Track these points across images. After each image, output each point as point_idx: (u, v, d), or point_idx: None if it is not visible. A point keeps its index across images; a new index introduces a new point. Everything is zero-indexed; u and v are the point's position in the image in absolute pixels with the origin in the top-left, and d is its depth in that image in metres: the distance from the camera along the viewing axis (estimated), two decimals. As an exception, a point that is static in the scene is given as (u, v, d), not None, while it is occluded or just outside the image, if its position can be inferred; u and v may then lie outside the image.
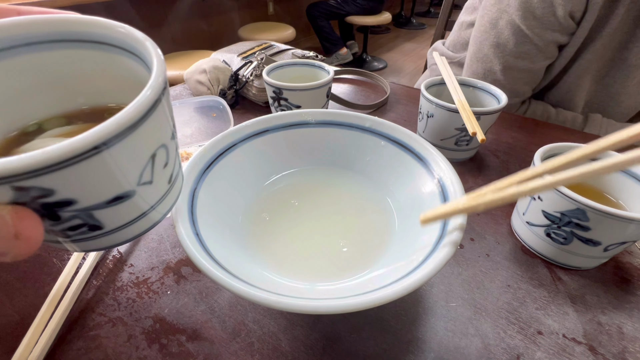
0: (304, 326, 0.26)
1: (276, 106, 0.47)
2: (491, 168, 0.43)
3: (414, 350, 0.24)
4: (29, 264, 0.30)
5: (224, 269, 0.20)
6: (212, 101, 0.46)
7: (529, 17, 0.50)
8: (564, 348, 0.24)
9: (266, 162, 0.33)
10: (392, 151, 0.31)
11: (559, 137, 0.49)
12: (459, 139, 0.41)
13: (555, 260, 0.30)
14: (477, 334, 0.25)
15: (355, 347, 0.24)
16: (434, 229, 0.23)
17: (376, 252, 0.27)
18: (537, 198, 0.29)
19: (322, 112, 0.33)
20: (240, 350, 0.24)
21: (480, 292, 0.28)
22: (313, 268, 0.26)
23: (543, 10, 0.49)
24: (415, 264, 0.20)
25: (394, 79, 2.67)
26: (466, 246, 0.32)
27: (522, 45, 0.53)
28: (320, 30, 2.62)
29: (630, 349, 0.24)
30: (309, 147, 0.34)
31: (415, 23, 3.99)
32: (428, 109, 0.41)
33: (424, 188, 0.27)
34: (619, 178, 0.30)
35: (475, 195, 0.19)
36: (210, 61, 0.57)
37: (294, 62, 0.51)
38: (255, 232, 0.28)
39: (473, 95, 0.45)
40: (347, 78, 0.68)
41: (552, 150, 0.31)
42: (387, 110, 0.56)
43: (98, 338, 0.25)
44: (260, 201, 0.31)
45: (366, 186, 0.33)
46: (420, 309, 0.27)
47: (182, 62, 1.66)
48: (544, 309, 0.27)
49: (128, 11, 1.96)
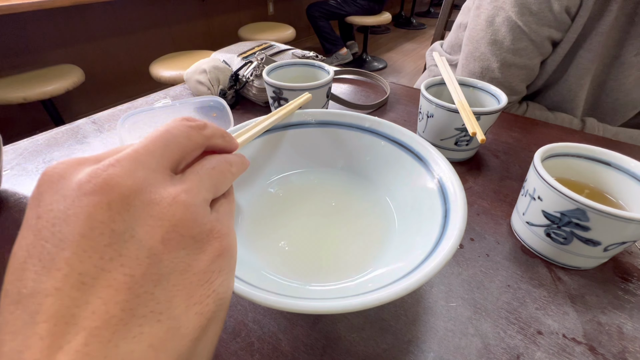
0: (304, 326, 0.26)
1: (276, 106, 0.47)
2: (491, 168, 0.43)
3: (414, 350, 0.24)
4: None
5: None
6: (212, 101, 0.46)
7: (526, 12, 0.51)
8: (564, 348, 0.24)
9: (266, 162, 0.33)
10: (391, 151, 0.31)
11: (559, 137, 0.49)
12: (459, 139, 0.41)
13: (555, 260, 0.30)
14: (477, 333, 0.25)
15: (355, 347, 0.24)
16: (434, 229, 0.23)
17: (376, 252, 0.27)
18: (537, 198, 0.29)
19: (322, 112, 0.33)
20: (240, 350, 0.24)
21: (480, 292, 0.28)
22: (313, 268, 0.26)
23: (539, 6, 0.50)
24: (415, 264, 0.20)
25: (394, 79, 2.67)
26: (466, 246, 0.32)
27: (519, 42, 0.53)
28: (320, 30, 2.62)
29: (630, 349, 0.24)
30: (309, 147, 0.34)
31: (415, 23, 3.99)
32: (428, 109, 0.41)
33: (424, 188, 0.27)
34: (619, 178, 0.30)
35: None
36: (210, 61, 0.57)
37: (294, 62, 0.51)
38: (255, 232, 0.28)
39: (473, 95, 0.45)
40: (347, 78, 0.68)
41: (552, 150, 0.31)
42: (387, 110, 0.56)
43: (98, 338, 0.25)
44: (260, 201, 0.31)
45: (366, 186, 0.33)
46: (420, 309, 0.27)
47: (182, 62, 1.66)
48: (544, 309, 0.27)
49: (128, 11, 1.96)
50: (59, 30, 1.74)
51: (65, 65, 1.59)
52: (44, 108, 1.53)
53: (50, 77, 1.45)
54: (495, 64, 0.56)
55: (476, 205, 0.37)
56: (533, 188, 0.29)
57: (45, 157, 0.45)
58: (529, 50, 0.54)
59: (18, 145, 0.47)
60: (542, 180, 0.28)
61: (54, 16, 1.69)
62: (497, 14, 0.54)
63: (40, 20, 1.66)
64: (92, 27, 1.86)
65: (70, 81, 1.45)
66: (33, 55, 1.70)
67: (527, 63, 0.55)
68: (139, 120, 0.42)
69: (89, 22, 1.83)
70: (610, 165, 0.31)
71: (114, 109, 0.56)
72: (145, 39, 2.11)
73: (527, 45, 0.53)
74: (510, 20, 0.52)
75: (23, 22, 1.62)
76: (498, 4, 0.53)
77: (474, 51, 0.58)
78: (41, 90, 1.36)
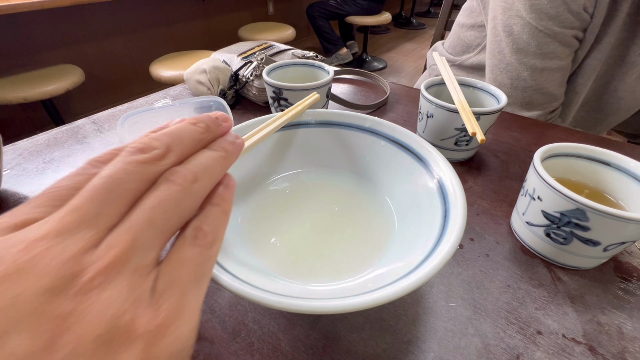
0: (304, 326, 0.26)
1: (276, 106, 0.47)
2: (491, 168, 0.43)
3: (414, 350, 0.24)
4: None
5: (224, 269, 0.20)
6: (212, 101, 0.46)
7: (544, 17, 0.50)
8: (564, 348, 0.24)
9: (266, 162, 0.33)
10: (391, 151, 0.31)
11: (559, 137, 0.49)
12: (459, 139, 0.41)
13: (555, 260, 0.30)
14: (476, 333, 0.25)
15: (355, 347, 0.24)
16: (434, 229, 0.23)
17: (376, 252, 0.27)
18: (536, 198, 0.29)
19: (322, 112, 0.33)
20: (240, 350, 0.24)
21: (480, 292, 0.28)
22: (313, 268, 0.26)
23: (556, 9, 0.48)
24: (415, 264, 0.20)
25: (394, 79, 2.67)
26: (466, 246, 0.32)
27: (545, 46, 0.52)
28: (320, 31, 2.62)
29: (630, 349, 0.24)
30: (309, 147, 0.34)
31: (415, 23, 3.99)
32: (428, 109, 0.41)
33: (424, 188, 0.27)
34: (619, 178, 0.30)
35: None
36: (210, 61, 0.57)
37: (294, 62, 0.51)
38: (255, 232, 0.28)
39: (473, 95, 0.45)
40: (347, 78, 0.68)
41: (552, 150, 0.31)
42: (387, 111, 0.56)
43: (98, 338, 0.25)
44: (260, 201, 0.31)
45: (366, 186, 0.33)
46: (420, 309, 0.27)
47: (182, 62, 1.66)
48: (544, 309, 0.27)
49: (128, 11, 1.96)
50: (59, 30, 1.74)
51: (65, 65, 1.59)
52: (44, 108, 1.53)
53: (50, 77, 1.45)
54: (525, 72, 0.54)
55: (476, 205, 0.37)
56: (533, 188, 0.29)
57: (45, 157, 0.45)
58: (558, 51, 0.52)
59: (18, 145, 0.47)
60: (541, 180, 0.28)
61: (54, 16, 1.69)
62: (514, 23, 0.52)
63: (40, 20, 1.66)
64: (92, 27, 1.86)
65: (70, 81, 1.46)
66: (33, 55, 1.70)
67: (560, 64, 0.53)
68: (139, 120, 0.42)
69: (89, 22, 1.83)
70: (610, 165, 0.31)
71: (114, 109, 0.56)
72: (145, 39, 2.11)
73: (555, 48, 0.52)
74: (530, 26, 0.51)
75: (23, 22, 1.62)
76: (512, 13, 0.52)
77: (499, 63, 0.57)
78: (41, 90, 1.37)
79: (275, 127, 0.29)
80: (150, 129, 0.15)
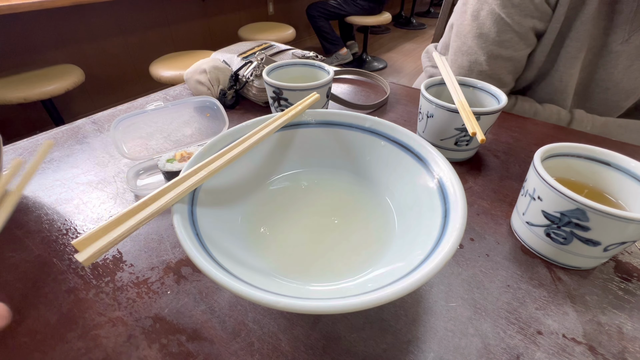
0: (304, 326, 0.26)
1: (276, 106, 0.47)
2: (491, 168, 0.43)
3: (413, 350, 0.24)
4: (29, 264, 0.30)
5: (224, 269, 0.20)
6: (207, 102, 0.46)
7: (508, 5, 0.52)
8: (564, 348, 0.24)
9: (266, 162, 0.33)
10: (391, 151, 0.31)
11: (559, 138, 0.49)
12: (459, 139, 0.41)
13: (555, 260, 0.30)
14: (476, 333, 0.25)
15: (355, 347, 0.24)
16: (434, 229, 0.23)
17: (376, 252, 0.27)
18: (537, 198, 0.29)
19: (322, 112, 0.33)
20: (240, 350, 0.24)
21: (480, 292, 0.28)
22: (313, 268, 0.26)
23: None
24: (415, 264, 0.20)
25: (394, 79, 2.67)
26: (466, 246, 0.32)
27: (503, 34, 0.55)
28: (320, 31, 2.62)
29: (630, 349, 0.24)
30: (309, 147, 0.34)
31: (415, 23, 3.99)
32: (428, 109, 0.41)
33: (424, 188, 0.27)
34: (619, 178, 0.30)
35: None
36: (210, 61, 0.57)
37: (294, 62, 0.51)
38: (255, 232, 0.28)
39: (473, 95, 0.45)
40: (347, 78, 0.68)
41: (552, 150, 0.31)
42: (387, 111, 0.56)
43: (98, 338, 0.25)
44: (260, 201, 0.31)
45: (366, 186, 0.33)
46: (420, 309, 0.27)
47: (182, 62, 1.66)
48: (544, 309, 0.27)
49: (128, 11, 1.96)
50: (59, 30, 1.74)
51: (65, 65, 1.59)
52: (44, 108, 1.53)
53: (50, 77, 1.45)
54: (482, 57, 0.57)
55: (476, 205, 0.37)
56: (533, 188, 0.29)
57: (45, 157, 0.44)
58: (514, 41, 0.55)
59: (18, 145, 0.47)
60: (542, 180, 0.28)
61: (54, 16, 1.69)
62: (481, 8, 0.55)
63: (40, 20, 1.66)
64: (92, 27, 1.86)
65: (70, 81, 1.46)
66: (33, 55, 1.70)
67: (512, 55, 0.56)
68: (134, 122, 0.42)
69: (89, 22, 1.83)
70: (610, 165, 0.31)
71: (113, 109, 0.56)
72: (145, 39, 2.11)
73: (512, 37, 0.54)
74: (494, 12, 0.54)
75: (23, 22, 1.62)
76: None
77: (462, 45, 0.60)
78: (41, 90, 1.37)
79: (275, 127, 0.29)
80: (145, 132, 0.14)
